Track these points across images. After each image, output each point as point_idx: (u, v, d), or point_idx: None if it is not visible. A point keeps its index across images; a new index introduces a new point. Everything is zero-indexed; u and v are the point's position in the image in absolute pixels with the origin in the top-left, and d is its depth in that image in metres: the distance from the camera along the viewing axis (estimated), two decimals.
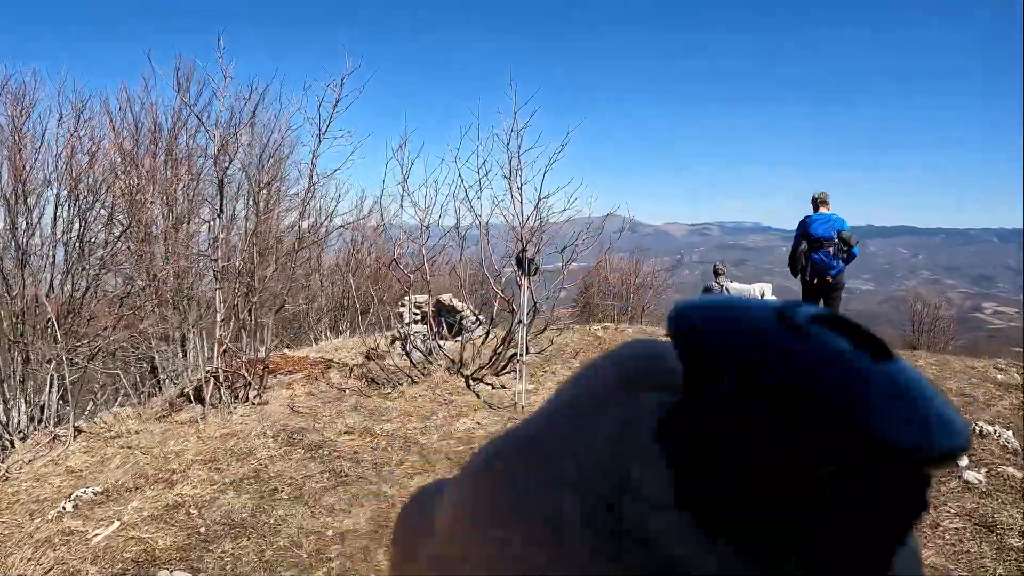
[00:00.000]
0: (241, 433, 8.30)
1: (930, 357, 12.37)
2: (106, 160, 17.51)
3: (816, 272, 9.89)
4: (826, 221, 9.79)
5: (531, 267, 8.83)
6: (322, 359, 13.48)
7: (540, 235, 9.82)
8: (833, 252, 9.67)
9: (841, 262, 9.76)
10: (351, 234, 26.69)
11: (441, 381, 9.76)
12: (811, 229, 9.83)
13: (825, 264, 9.78)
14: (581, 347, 12.62)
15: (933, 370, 10.85)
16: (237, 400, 10.00)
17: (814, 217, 9.90)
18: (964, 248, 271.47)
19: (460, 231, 10.84)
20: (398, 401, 8.96)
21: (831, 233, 9.67)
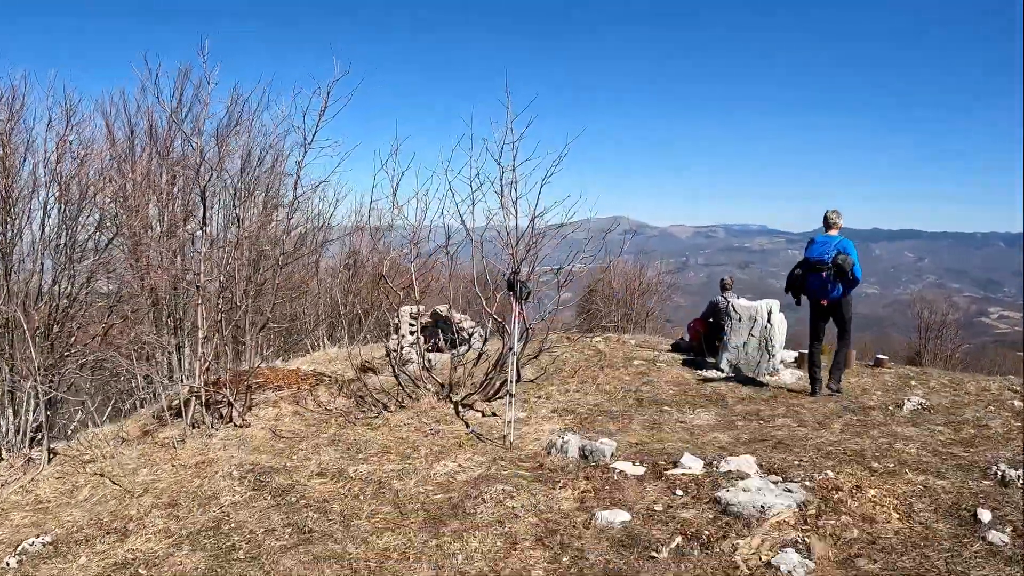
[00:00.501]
0: (216, 462, 7.90)
1: (942, 376, 11.94)
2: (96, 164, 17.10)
3: (811, 296, 9.70)
4: (824, 244, 9.52)
5: (523, 291, 8.36)
6: (313, 373, 13.07)
7: (535, 254, 9.33)
8: (826, 276, 9.36)
9: (841, 286, 9.43)
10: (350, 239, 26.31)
11: (428, 407, 9.31)
12: (807, 253, 9.67)
13: (818, 288, 9.53)
14: (580, 364, 12.20)
15: (947, 393, 10.43)
16: (220, 420, 9.61)
17: (818, 240, 9.69)
18: (970, 252, 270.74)
19: (451, 247, 10.35)
20: (381, 431, 8.50)
21: (827, 257, 9.37)
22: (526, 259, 9.13)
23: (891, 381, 11.21)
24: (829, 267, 9.30)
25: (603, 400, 9.73)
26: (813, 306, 9.82)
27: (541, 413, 8.96)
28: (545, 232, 9.46)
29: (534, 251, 9.29)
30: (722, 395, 9.88)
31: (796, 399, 9.63)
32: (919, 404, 9.24)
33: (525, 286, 8.38)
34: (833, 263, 9.28)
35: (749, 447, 7.26)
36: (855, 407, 9.23)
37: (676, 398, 9.84)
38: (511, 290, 8.41)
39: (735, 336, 11.42)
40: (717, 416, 8.86)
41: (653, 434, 8.00)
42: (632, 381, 10.86)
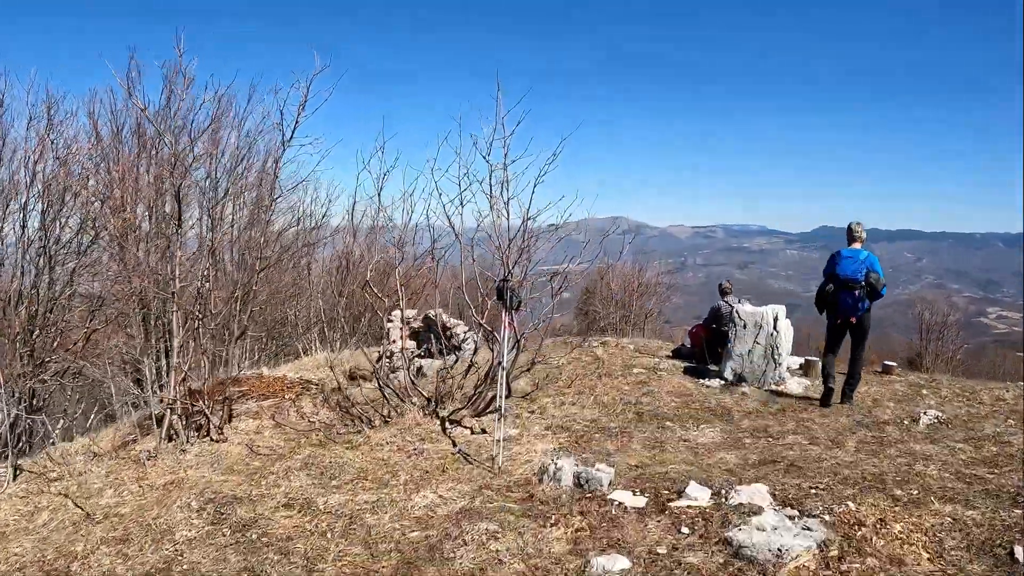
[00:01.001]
0: (184, 484, 7.36)
1: (953, 384, 11.46)
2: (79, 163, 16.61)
3: (841, 314, 9.49)
4: (855, 261, 9.32)
5: (513, 300, 7.81)
6: (300, 381, 12.58)
7: (528, 258, 8.75)
8: (859, 294, 9.25)
9: (867, 301, 9.33)
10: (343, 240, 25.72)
11: (413, 424, 8.70)
12: (838, 269, 9.41)
13: (850, 306, 9.37)
14: (577, 372, 11.66)
15: (961, 403, 9.98)
16: (197, 434, 9.11)
17: (844, 254, 9.46)
18: (969, 252, 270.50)
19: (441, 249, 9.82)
20: (361, 450, 7.92)
21: (859, 275, 9.23)
22: (517, 264, 8.56)
23: (902, 390, 10.74)
24: (862, 286, 9.19)
25: (601, 414, 9.17)
26: (840, 322, 9.61)
27: (534, 430, 8.39)
28: (538, 235, 8.88)
29: (526, 255, 8.71)
30: (727, 408, 9.34)
31: (806, 412, 9.11)
32: (935, 418, 8.73)
33: (516, 294, 7.82)
34: (866, 282, 9.16)
35: (759, 471, 6.73)
36: (869, 421, 8.71)
37: (679, 411, 9.29)
38: (500, 298, 7.87)
39: (739, 344, 10.89)
40: (723, 432, 8.32)
41: (655, 454, 7.45)
42: (632, 392, 10.33)
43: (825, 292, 9.56)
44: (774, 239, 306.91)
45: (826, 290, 9.55)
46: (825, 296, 9.56)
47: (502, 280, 8.08)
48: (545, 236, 9.07)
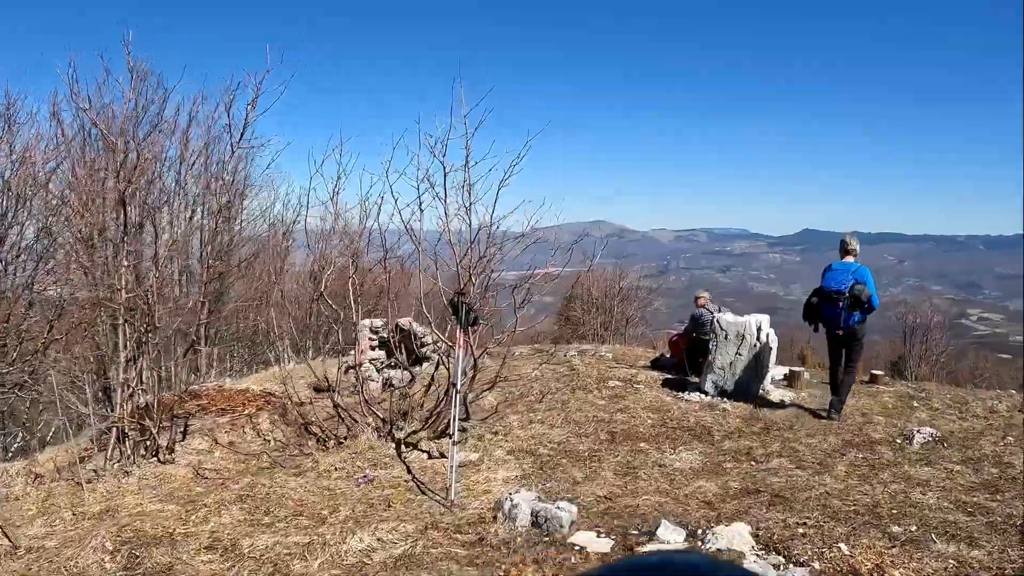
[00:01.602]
0: (117, 513, 6.68)
1: (943, 393, 10.96)
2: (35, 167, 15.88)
3: (827, 325, 9.28)
4: (842, 272, 9.17)
5: (469, 316, 7.15)
6: (263, 393, 11.92)
7: (489, 268, 8.08)
8: (843, 306, 9.02)
9: (858, 314, 9.08)
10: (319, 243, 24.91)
11: (367, 447, 8.05)
12: (823, 281, 9.27)
13: (834, 318, 9.14)
14: (550, 385, 11.04)
15: (954, 416, 9.48)
16: (145, 454, 8.45)
17: (834, 267, 9.31)
18: (951, 255, 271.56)
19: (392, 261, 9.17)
20: (307, 477, 7.26)
21: (844, 286, 9.02)
22: (478, 275, 7.88)
23: (891, 402, 10.20)
24: (846, 296, 8.97)
25: (571, 435, 8.50)
26: (830, 335, 9.40)
27: (496, 455, 7.72)
28: (501, 243, 8.22)
29: (488, 265, 8.05)
30: (707, 427, 8.67)
31: (791, 432, 8.47)
32: (930, 436, 8.13)
33: (471, 310, 7.16)
34: (850, 293, 8.94)
35: (741, 503, 6.12)
36: (859, 440, 8.11)
37: (655, 431, 8.64)
38: (455, 313, 7.21)
39: (721, 355, 10.28)
40: (702, 456, 7.68)
41: (626, 483, 6.81)
42: (606, 407, 9.70)
43: (810, 304, 9.39)
44: (756, 242, 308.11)
45: (811, 302, 9.37)
46: (810, 308, 9.37)
47: (457, 293, 7.43)
48: (511, 244, 8.44)
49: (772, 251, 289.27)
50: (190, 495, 7.12)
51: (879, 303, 9.25)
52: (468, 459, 7.57)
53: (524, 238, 8.39)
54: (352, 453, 7.89)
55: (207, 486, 7.34)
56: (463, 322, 7.07)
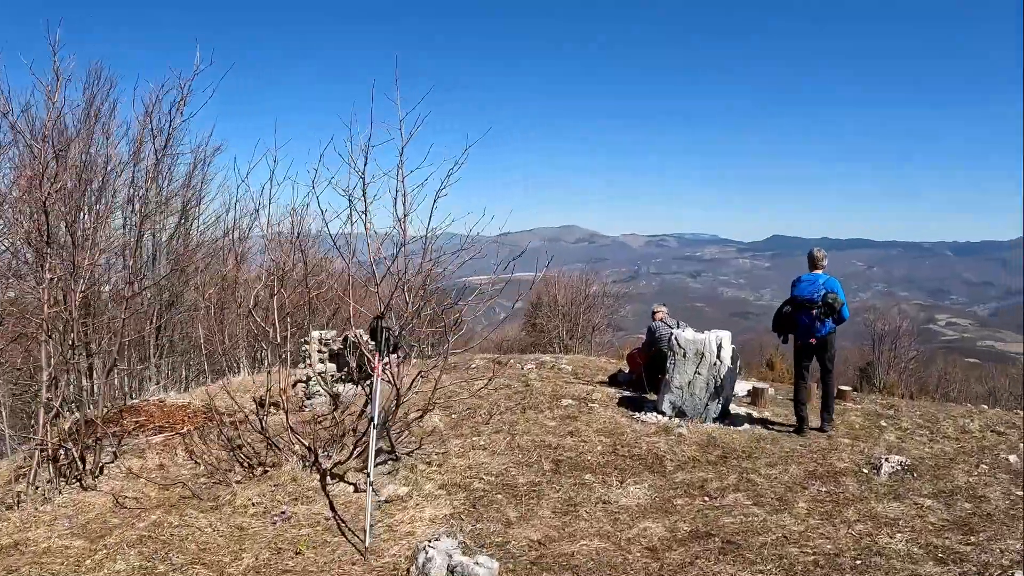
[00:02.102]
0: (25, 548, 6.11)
1: (913, 411, 10.51)
2: None
3: (800, 335, 9.22)
4: (812, 283, 9.17)
5: (390, 342, 6.49)
6: (203, 409, 11.25)
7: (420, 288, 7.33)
8: (816, 315, 8.99)
9: (830, 323, 9.07)
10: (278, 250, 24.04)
11: (290, 479, 7.34)
12: (795, 291, 9.25)
13: (807, 326, 9.09)
14: (500, 403, 10.42)
15: (924, 437, 9.07)
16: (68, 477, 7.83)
17: (803, 278, 9.33)
18: (919, 261, 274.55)
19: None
20: (221, 512, 6.56)
21: (816, 296, 9.01)
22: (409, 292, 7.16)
23: (858, 421, 9.71)
24: (819, 305, 9.00)
25: (512, 463, 7.81)
26: (801, 345, 9.34)
27: (427, 488, 7.02)
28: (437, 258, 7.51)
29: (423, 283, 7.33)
30: (660, 456, 7.98)
31: (750, 461, 7.82)
32: (899, 465, 7.53)
33: (392, 335, 6.48)
34: (823, 302, 8.97)
35: (688, 551, 5.48)
36: (822, 471, 7.48)
37: (604, 459, 7.96)
38: (373, 339, 6.54)
39: (678, 375, 9.67)
40: (651, 490, 7.01)
41: (564, 525, 6.14)
42: (556, 430, 9.06)
43: (781, 313, 9.33)
44: (726, 248, 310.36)
45: (783, 311, 9.32)
46: (782, 317, 9.31)
47: (376, 318, 6.76)
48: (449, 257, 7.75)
49: (742, 256, 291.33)
50: (102, 528, 6.58)
51: (849, 315, 9.19)
52: (396, 493, 6.90)
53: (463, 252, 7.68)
54: (274, 485, 7.22)
55: (123, 517, 6.80)
56: (382, 346, 6.41)
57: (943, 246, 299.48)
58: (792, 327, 9.23)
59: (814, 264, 9.37)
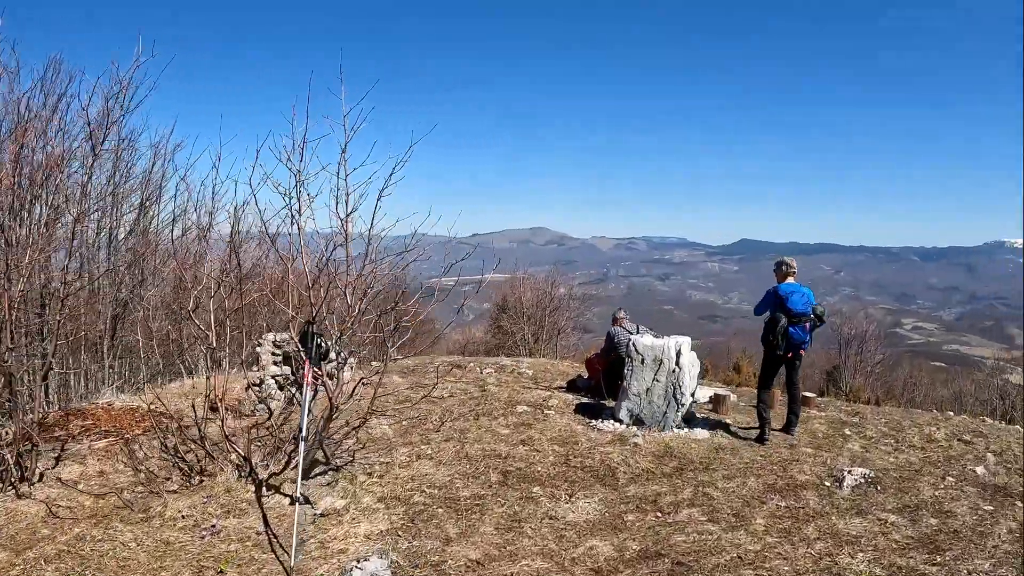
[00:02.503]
0: None
1: (878, 419, 10.22)
2: None
3: (791, 347, 9.07)
4: (801, 295, 9.10)
5: (318, 349, 6.08)
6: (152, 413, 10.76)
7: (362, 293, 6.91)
8: (809, 327, 9.12)
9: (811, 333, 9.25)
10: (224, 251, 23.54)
11: (224, 489, 6.89)
12: (790, 304, 9.05)
13: (800, 339, 9.06)
14: (453, 408, 10.03)
15: (889, 446, 8.79)
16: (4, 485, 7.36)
17: (788, 289, 9.14)
18: (886, 266, 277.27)
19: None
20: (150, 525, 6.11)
21: (808, 308, 9.06)
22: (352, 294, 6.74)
23: (822, 430, 9.38)
24: (811, 318, 9.09)
25: (459, 474, 7.40)
26: (781, 356, 9.13)
27: (364, 502, 6.60)
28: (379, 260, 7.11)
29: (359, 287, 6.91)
30: (613, 468, 7.58)
31: (708, 473, 7.46)
32: (862, 477, 7.21)
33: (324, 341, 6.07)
34: (815, 313, 9.10)
35: (636, 572, 5.10)
36: (782, 484, 7.14)
37: (555, 470, 7.57)
38: (303, 345, 6.13)
39: (636, 381, 9.31)
40: (601, 504, 6.62)
41: (506, 543, 5.74)
42: (509, 438, 8.67)
43: (783, 327, 8.99)
44: (695, 251, 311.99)
45: (783, 325, 8.99)
46: (780, 332, 8.98)
47: (307, 323, 6.34)
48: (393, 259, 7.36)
49: (711, 260, 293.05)
50: (30, 540, 6.15)
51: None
52: (333, 507, 6.49)
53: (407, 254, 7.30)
54: (207, 496, 6.78)
55: (53, 528, 6.35)
56: (311, 354, 5.99)
57: (910, 251, 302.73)
58: (786, 339, 9.02)
59: (788, 273, 9.27)
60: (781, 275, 9.30)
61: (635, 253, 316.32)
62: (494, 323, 37.47)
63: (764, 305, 9.35)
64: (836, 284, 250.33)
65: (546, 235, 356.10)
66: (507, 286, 36.89)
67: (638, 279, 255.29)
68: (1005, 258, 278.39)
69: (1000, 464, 7.97)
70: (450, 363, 15.69)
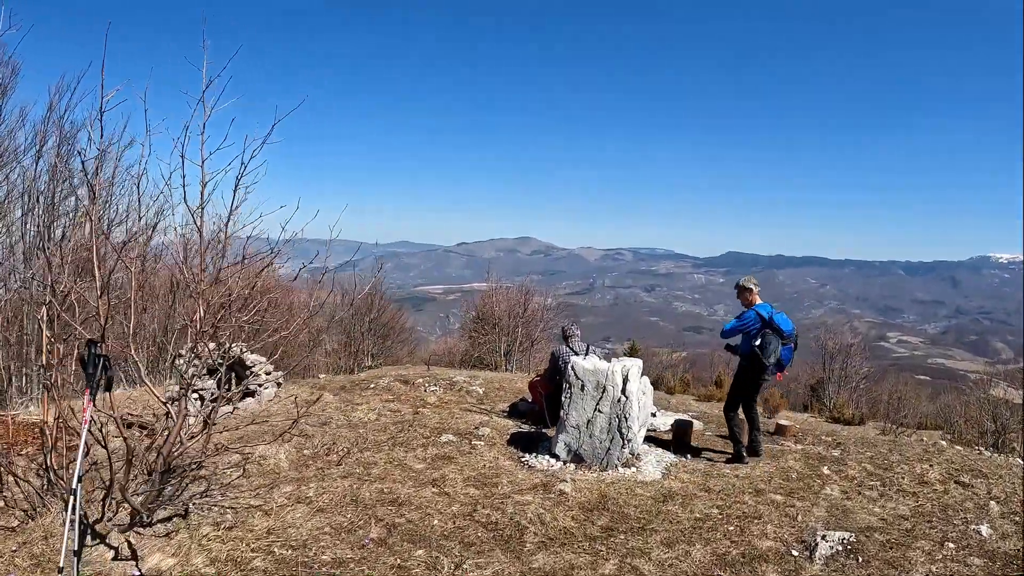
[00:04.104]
0: None
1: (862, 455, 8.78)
2: None
3: (779, 367, 8.67)
4: (782, 315, 8.68)
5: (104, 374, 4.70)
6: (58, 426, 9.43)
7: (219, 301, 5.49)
8: (793, 348, 8.81)
9: None
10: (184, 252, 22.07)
11: (42, 536, 5.36)
12: (780, 325, 8.57)
13: (788, 359, 8.75)
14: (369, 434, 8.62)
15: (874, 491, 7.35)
16: None
17: (769, 309, 8.64)
18: (872, 279, 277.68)
19: None
20: None
21: (793, 329, 8.72)
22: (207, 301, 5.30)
23: (796, 469, 7.90)
24: (795, 339, 8.84)
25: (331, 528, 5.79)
26: (762, 377, 8.64)
27: (194, 564, 5.03)
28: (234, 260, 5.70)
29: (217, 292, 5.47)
30: (523, 527, 5.96)
31: (643, 534, 5.87)
32: (839, 544, 5.68)
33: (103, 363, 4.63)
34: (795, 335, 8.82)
35: None
36: (737, 553, 5.58)
37: (453, 525, 5.96)
38: (84, 370, 4.69)
39: (575, 412, 7.81)
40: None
41: None
42: (420, 476, 7.20)
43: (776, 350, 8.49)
44: (681, 263, 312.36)
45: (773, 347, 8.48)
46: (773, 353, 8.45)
47: (88, 342, 4.88)
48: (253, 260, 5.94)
49: (697, 272, 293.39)
50: None
51: None
52: (159, 567, 5.04)
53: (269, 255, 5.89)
54: (22, 542, 5.31)
55: None
56: (93, 385, 4.54)
57: (895, 265, 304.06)
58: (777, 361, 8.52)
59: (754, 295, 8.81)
60: (751, 295, 8.77)
61: (621, 264, 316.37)
62: (467, 334, 36.25)
63: (744, 327, 8.67)
64: (822, 297, 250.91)
65: (533, 245, 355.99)
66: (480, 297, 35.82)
67: (624, 290, 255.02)
68: (990, 272, 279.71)
69: (1006, 518, 6.46)
70: (399, 378, 14.29)
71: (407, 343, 40.12)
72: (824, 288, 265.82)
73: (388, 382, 13.57)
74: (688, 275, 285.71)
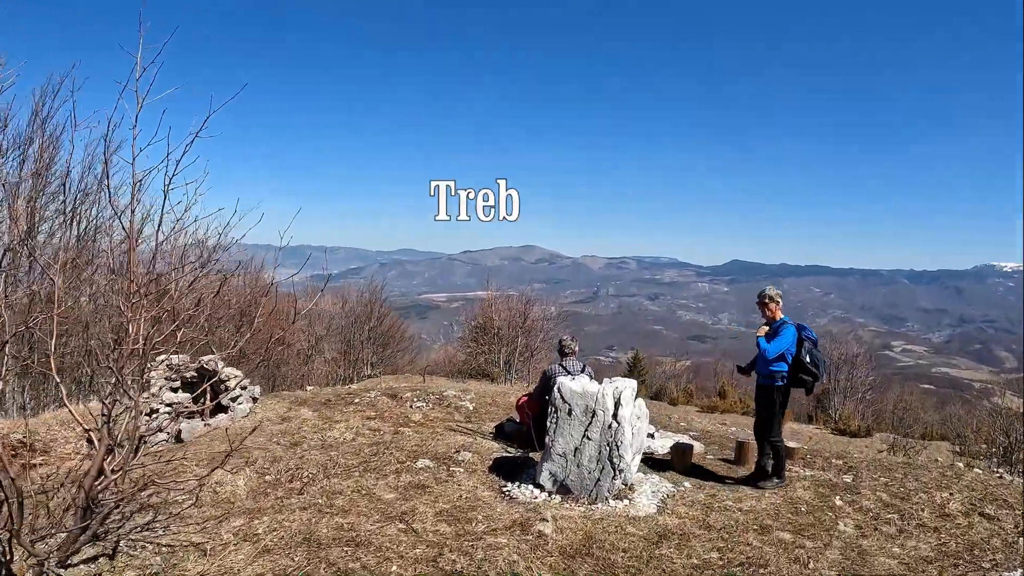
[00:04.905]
0: None
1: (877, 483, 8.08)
2: None
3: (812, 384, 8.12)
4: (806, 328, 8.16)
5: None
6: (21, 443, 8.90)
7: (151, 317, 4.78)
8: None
9: None
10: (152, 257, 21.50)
11: None
12: (813, 337, 8.10)
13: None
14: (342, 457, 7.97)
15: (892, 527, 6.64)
16: None
17: (797, 324, 8.06)
18: (876, 288, 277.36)
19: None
20: None
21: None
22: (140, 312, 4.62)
23: (805, 499, 7.16)
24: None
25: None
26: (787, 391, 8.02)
27: None
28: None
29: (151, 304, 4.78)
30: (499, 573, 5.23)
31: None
32: None
33: None
34: None
35: None
36: None
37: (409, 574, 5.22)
38: None
39: (562, 438, 7.05)
40: None
41: None
42: (387, 509, 6.47)
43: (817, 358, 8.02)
44: (686, 272, 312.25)
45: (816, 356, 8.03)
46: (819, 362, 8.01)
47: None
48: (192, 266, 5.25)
49: (701, 280, 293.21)
50: None
51: None
52: None
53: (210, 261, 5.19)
54: None
55: None
56: None
57: (900, 274, 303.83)
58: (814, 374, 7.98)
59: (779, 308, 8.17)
60: (776, 307, 8.11)
61: (626, 272, 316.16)
62: (465, 344, 35.58)
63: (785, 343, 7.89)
64: (826, 306, 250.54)
65: (537, 253, 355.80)
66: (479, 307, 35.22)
67: (628, 298, 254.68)
68: (995, 281, 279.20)
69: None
70: (387, 391, 13.63)
71: (408, 351, 39.53)
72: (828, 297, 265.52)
73: (374, 396, 12.90)
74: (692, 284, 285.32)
